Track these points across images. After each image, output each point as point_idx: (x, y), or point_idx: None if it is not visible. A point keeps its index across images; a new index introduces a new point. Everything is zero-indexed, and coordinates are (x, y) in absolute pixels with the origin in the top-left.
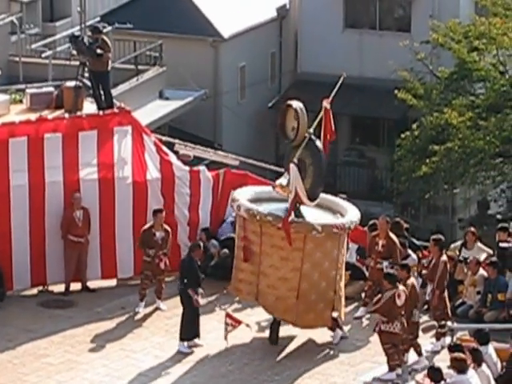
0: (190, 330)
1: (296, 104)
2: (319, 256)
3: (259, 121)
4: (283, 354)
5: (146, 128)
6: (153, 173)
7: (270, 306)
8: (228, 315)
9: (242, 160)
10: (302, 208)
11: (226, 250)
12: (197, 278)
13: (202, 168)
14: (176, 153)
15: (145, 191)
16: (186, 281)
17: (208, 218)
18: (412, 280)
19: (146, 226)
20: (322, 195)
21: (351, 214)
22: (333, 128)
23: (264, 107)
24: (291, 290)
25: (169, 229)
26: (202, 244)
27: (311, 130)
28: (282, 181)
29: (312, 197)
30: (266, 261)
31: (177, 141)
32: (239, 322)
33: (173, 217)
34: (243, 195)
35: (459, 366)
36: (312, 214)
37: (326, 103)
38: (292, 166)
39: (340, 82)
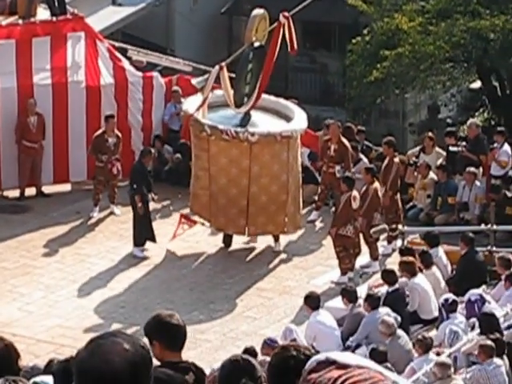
0: (141, 234)
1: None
2: (267, 158)
3: (212, 26)
4: (236, 257)
5: (99, 34)
6: (106, 78)
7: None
8: (183, 216)
9: (194, 66)
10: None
11: (178, 155)
12: (147, 184)
13: (155, 74)
14: (129, 59)
15: (98, 96)
16: (135, 186)
17: (161, 123)
18: (376, 184)
19: (99, 132)
20: (272, 98)
21: (298, 119)
22: (295, 43)
23: (217, 13)
24: (202, 188)
25: (120, 134)
26: (152, 150)
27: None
28: (199, 80)
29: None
30: (197, 164)
31: (130, 47)
32: (194, 222)
33: (126, 122)
34: (193, 102)
35: (408, 270)
36: (257, 119)
37: (282, 18)
38: (216, 67)
39: (308, 1)
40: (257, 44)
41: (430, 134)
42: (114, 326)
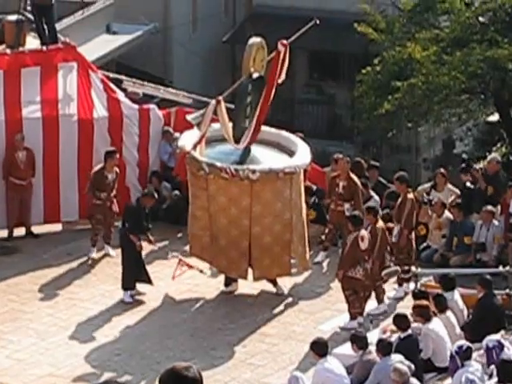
0: (130, 277)
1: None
2: (269, 196)
3: (213, 56)
4: (239, 301)
5: (92, 64)
6: (99, 111)
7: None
8: (181, 261)
9: (194, 98)
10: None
11: (177, 192)
12: (140, 225)
13: (152, 106)
14: (124, 90)
15: (91, 130)
16: (127, 225)
17: (158, 159)
18: (381, 224)
19: (97, 168)
20: (273, 131)
21: (301, 154)
22: (283, 73)
23: (218, 42)
24: (202, 228)
25: (118, 170)
26: (155, 193)
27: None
28: (195, 115)
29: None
30: (196, 203)
31: (125, 78)
32: (192, 267)
33: (121, 158)
34: (189, 137)
35: (422, 314)
36: (258, 154)
37: (280, 46)
38: (213, 102)
39: (309, 26)
40: (255, 75)
41: (442, 170)
42: (108, 375)
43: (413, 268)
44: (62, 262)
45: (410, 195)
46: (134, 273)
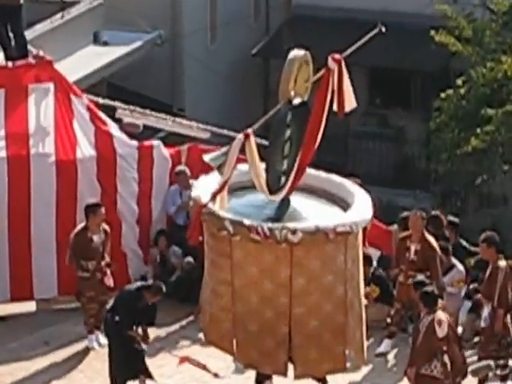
0: (122, 377)
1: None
2: (315, 266)
3: (238, 74)
4: None
5: (74, 86)
6: (85, 149)
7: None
8: (184, 359)
9: (213, 131)
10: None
11: (190, 259)
12: (133, 322)
13: (155, 143)
14: (119, 121)
15: (73, 175)
16: (117, 318)
17: (165, 214)
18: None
19: (79, 229)
20: (321, 175)
21: (359, 206)
22: (346, 101)
23: (245, 55)
24: (223, 309)
25: (108, 229)
26: (163, 287)
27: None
28: (215, 155)
29: (274, 189)
30: (215, 275)
31: (120, 104)
32: (203, 367)
33: (115, 212)
34: (206, 184)
35: None
36: (300, 207)
37: (332, 63)
38: (239, 136)
39: (371, 35)
40: (297, 101)
41: None
42: None
43: (511, 362)
44: (36, 354)
45: (502, 263)
46: (128, 370)
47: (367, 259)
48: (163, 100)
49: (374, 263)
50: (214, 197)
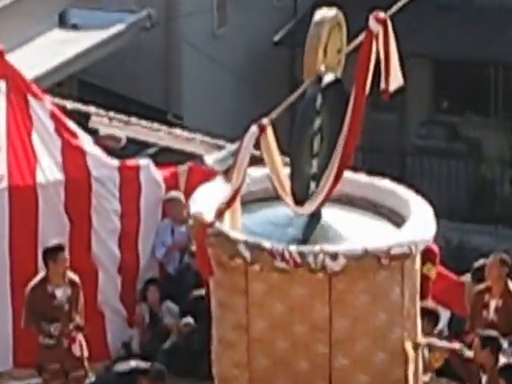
0: None
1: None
2: (363, 302)
3: (254, 69)
4: None
5: (34, 85)
6: (48, 171)
7: None
8: None
9: (221, 146)
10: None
11: (189, 320)
12: None
13: (144, 162)
14: (94, 133)
15: (33, 206)
16: None
17: (159, 255)
18: None
19: (36, 281)
20: (363, 178)
21: (417, 219)
22: (392, 72)
23: (264, 43)
24: (237, 365)
25: (77, 280)
26: (165, 373)
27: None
28: (220, 156)
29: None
30: (226, 319)
31: (95, 110)
32: None
33: (88, 257)
34: (208, 196)
35: None
36: (337, 223)
37: (374, 23)
38: (252, 128)
39: None
40: (328, 78)
41: None
42: None
43: None
44: None
45: None
46: None
47: (432, 315)
48: (154, 104)
49: (441, 325)
50: (221, 212)
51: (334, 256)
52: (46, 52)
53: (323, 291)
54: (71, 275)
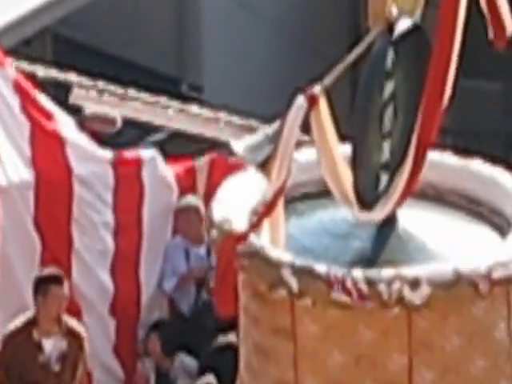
0: None
1: None
2: (454, 345)
3: (302, 17)
4: None
5: None
6: (10, 168)
7: None
8: None
9: (255, 128)
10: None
11: (211, 380)
12: None
13: (148, 154)
14: (76, 112)
15: None
16: None
17: (169, 288)
18: None
19: (18, 323)
20: (454, 162)
21: None
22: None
23: None
24: None
25: (80, 330)
26: None
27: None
28: (257, 141)
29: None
30: (265, 370)
31: (78, 79)
32: None
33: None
34: (237, 196)
35: None
36: (417, 230)
37: None
38: (299, 100)
39: None
40: (403, 25)
41: None
42: None
43: None
44: None
45: None
46: None
47: None
48: (162, 69)
49: None
50: (258, 221)
51: (415, 283)
52: None
53: (401, 333)
54: (71, 322)
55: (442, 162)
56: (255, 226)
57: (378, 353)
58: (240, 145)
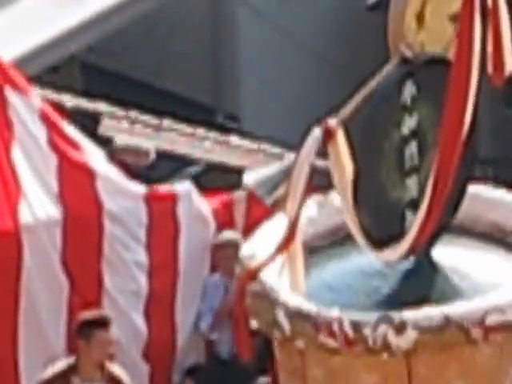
0: None
1: None
2: None
3: (342, 43)
4: None
5: (14, 72)
6: (37, 205)
7: None
8: None
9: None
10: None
11: None
12: None
13: (183, 188)
14: (107, 143)
15: (13, 257)
16: None
17: (205, 327)
18: None
19: (58, 369)
20: (485, 192)
21: None
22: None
23: (354, 7)
24: None
25: (125, 379)
26: None
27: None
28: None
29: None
30: None
31: (108, 109)
32: None
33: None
34: (273, 235)
35: None
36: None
37: None
38: (315, 132)
39: None
40: (425, 55)
41: None
42: None
43: None
44: None
45: None
46: None
47: None
48: (198, 99)
49: None
50: (271, 257)
51: (401, 327)
52: (34, 19)
53: (401, 378)
54: (114, 369)
55: (492, 195)
56: (267, 262)
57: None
58: (251, 177)
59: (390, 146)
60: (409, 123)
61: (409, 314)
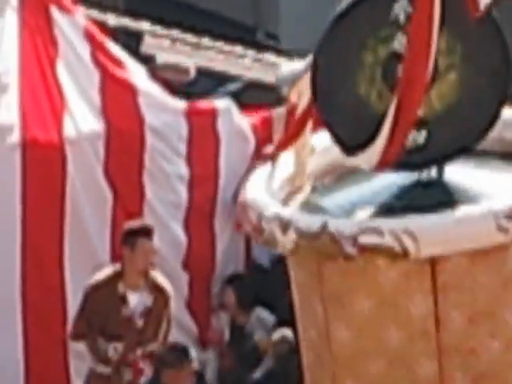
0: None
1: None
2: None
3: None
4: None
5: None
6: (80, 119)
7: None
8: None
9: None
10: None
11: (288, 334)
12: None
13: (222, 104)
14: (148, 61)
15: (58, 169)
16: None
17: (241, 243)
18: None
19: (104, 275)
20: None
21: None
22: None
23: None
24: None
25: (167, 287)
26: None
27: None
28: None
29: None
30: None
31: (150, 27)
32: None
33: None
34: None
35: None
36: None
37: None
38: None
39: None
40: None
41: None
42: None
43: None
44: None
45: None
46: None
47: None
48: (237, 17)
49: None
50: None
51: (285, 227)
52: None
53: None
54: (158, 278)
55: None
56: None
57: (400, 297)
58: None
59: (375, 60)
60: (403, 40)
61: (295, 216)
